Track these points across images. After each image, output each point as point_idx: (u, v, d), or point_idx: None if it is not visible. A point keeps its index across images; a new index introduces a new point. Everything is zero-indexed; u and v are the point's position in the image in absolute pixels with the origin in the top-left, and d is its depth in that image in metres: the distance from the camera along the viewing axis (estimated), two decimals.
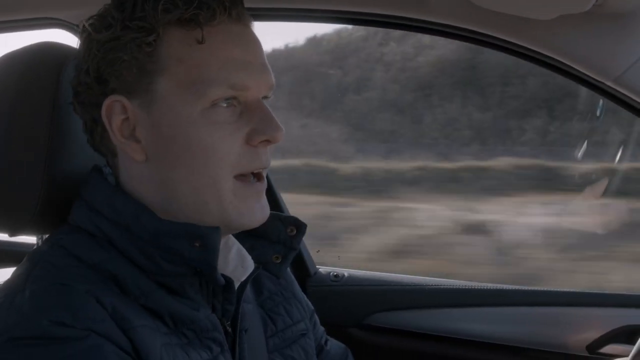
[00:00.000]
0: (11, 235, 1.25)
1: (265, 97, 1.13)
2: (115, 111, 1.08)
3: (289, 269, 1.35)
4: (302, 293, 1.44)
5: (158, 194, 1.10)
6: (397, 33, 8.06)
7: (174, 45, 1.06)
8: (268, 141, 1.09)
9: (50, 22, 1.97)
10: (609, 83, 1.54)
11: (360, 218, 6.36)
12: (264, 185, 1.14)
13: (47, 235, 1.20)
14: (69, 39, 1.99)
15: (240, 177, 1.09)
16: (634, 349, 1.50)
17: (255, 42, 1.12)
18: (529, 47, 1.60)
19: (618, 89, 1.54)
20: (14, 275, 1.06)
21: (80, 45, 1.13)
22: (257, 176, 1.12)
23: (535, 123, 7.55)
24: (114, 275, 1.04)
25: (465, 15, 1.60)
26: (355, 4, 1.71)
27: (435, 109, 7.98)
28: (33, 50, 1.25)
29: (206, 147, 1.06)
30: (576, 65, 1.56)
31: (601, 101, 2.39)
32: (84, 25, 1.11)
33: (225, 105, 1.07)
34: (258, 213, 1.13)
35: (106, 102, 1.08)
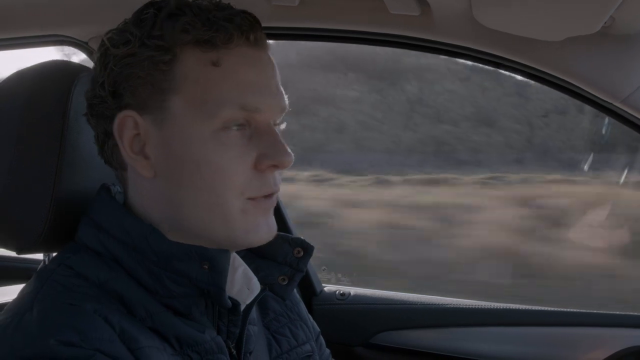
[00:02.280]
0: (19, 253, 1.25)
1: (276, 122, 1.14)
2: (127, 126, 1.09)
3: (295, 289, 1.35)
4: (308, 314, 1.43)
5: (164, 210, 1.11)
6: None
7: (190, 65, 1.06)
8: (276, 166, 1.10)
9: (59, 39, 1.98)
10: (616, 104, 1.54)
11: None
12: (273, 203, 1.14)
13: (54, 254, 1.20)
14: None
15: (251, 198, 1.10)
16: None
17: (270, 66, 1.13)
18: (536, 67, 1.60)
19: (626, 109, 1.54)
20: (22, 294, 1.06)
21: (96, 58, 1.13)
22: (267, 196, 1.12)
23: None
24: (120, 295, 1.04)
25: (471, 35, 1.61)
26: (359, 23, 1.71)
27: None
28: (42, 68, 1.26)
29: (216, 167, 1.06)
30: (584, 85, 1.55)
31: (606, 119, 2.39)
32: (103, 39, 1.12)
33: (236, 127, 1.07)
34: (264, 230, 1.12)
35: (119, 117, 1.09)
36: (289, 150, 1.10)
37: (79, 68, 1.27)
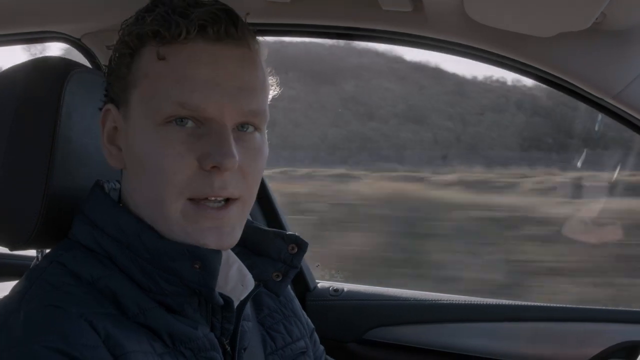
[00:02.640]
0: (12, 249, 1.25)
1: (246, 125, 1.10)
2: (108, 118, 1.14)
3: (289, 286, 1.35)
4: (303, 311, 1.44)
5: (135, 204, 1.12)
6: None
7: (144, 60, 1.08)
8: (217, 167, 1.04)
9: (52, 35, 1.97)
10: (608, 100, 1.54)
11: None
12: (223, 213, 1.08)
13: (47, 250, 1.20)
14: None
15: (195, 200, 1.07)
16: None
17: (234, 64, 1.08)
18: (527, 63, 1.60)
19: (618, 105, 1.54)
20: (11, 293, 1.06)
21: None
22: (222, 205, 1.08)
23: None
24: (113, 292, 1.04)
25: (462, 31, 1.61)
26: (352, 20, 1.71)
27: None
28: (35, 64, 1.26)
29: (155, 163, 1.05)
30: (575, 81, 1.56)
31: (599, 116, 2.41)
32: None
33: (178, 124, 1.05)
34: (209, 238, 1.07)
35: (103, 109, 1.14)
36: (233, 151, 1.04)
37: (71, 64, 1.27)
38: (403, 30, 1.68)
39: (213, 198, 1.07)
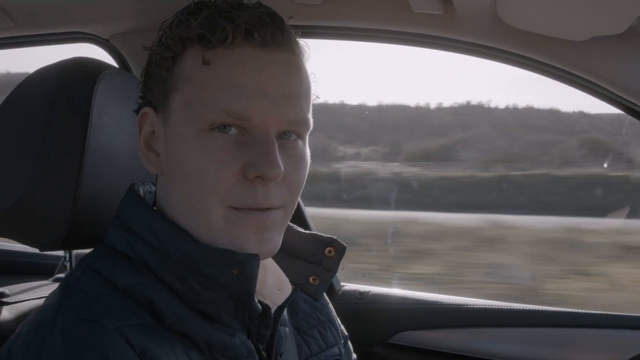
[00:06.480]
0: (42, 250, 1.25)
1: (289, 133, 1.08)
2: (145, 122, 1.12)
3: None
4: (337, 317, 1.41)
5: (171, 210, 1.11)
6: None
7: (187, 64, 1.06)
8: (260, 177, 1.02)
9: (81, 36, 1.98)
10: None
11: None
12: (265, 217, 1.06)
13: (74, 251, 1.20)
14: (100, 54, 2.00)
15: (238, 208, 1.05)
16: None
17: (280, 70, 1.05)
18: (559, 67, 1.58)
19: None
20: (46, 304, 1.04)
21: None
22: (262, 210, 1.06)
23: None
24: (149, 300, 1.02)
25: (494, 34, 1.59)
26: (382, 22, 1.70)
27: None
28: (66, 65, 1.26)
29: (196, 169, 1.03)
30: (608, 86, 1.53)
31: (627, 120, 2.39)
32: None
33: (221, 131, 1.03)
34: (253, 244, 1.05)
35: (140, 113, 1.12)
36: (279, 162, 1.02)
37: (101, 65, 1.27)
38: (434, 33, 1.67)
39: (256, 207, 1.04)
